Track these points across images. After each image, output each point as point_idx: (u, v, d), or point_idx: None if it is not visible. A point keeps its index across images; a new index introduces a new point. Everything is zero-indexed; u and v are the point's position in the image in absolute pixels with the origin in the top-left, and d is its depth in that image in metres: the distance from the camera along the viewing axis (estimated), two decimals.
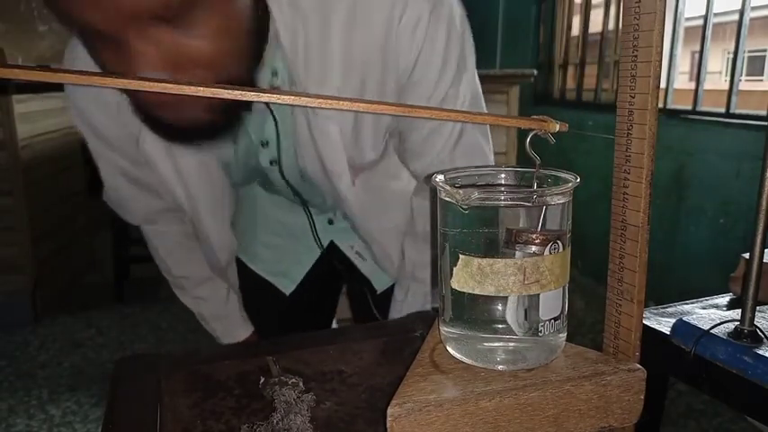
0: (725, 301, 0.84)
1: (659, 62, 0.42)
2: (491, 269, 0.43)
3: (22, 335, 2.64)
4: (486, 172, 0.51)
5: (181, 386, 0.57)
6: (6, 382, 2.26)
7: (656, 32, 0.41)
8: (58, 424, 2.00)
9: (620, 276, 0.46)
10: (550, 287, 0.44)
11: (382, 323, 0.74)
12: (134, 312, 2.91)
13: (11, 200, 2.67)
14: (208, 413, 0.53)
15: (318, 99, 0.41)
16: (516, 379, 0.44)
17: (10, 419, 2.02)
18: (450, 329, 0.48)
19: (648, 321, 0.77)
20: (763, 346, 0.65)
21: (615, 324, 0.47)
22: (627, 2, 0.43)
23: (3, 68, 0.35)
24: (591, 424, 0.45)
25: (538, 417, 0.43)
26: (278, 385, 0.54)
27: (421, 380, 0.44)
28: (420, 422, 0.40)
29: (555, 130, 0.47)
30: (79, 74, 0.40)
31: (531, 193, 0.46)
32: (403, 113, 0.44)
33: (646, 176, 0.43)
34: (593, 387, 0.44)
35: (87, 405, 2.11)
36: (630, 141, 0.44)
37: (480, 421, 0.42)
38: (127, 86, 0.38)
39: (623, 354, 0.47)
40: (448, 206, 0.46)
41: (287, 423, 0.49)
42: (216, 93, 0.40)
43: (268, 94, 0.42)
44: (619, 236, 0.46)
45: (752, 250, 0.66)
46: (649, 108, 0.42)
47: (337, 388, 0.57)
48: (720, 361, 0.67)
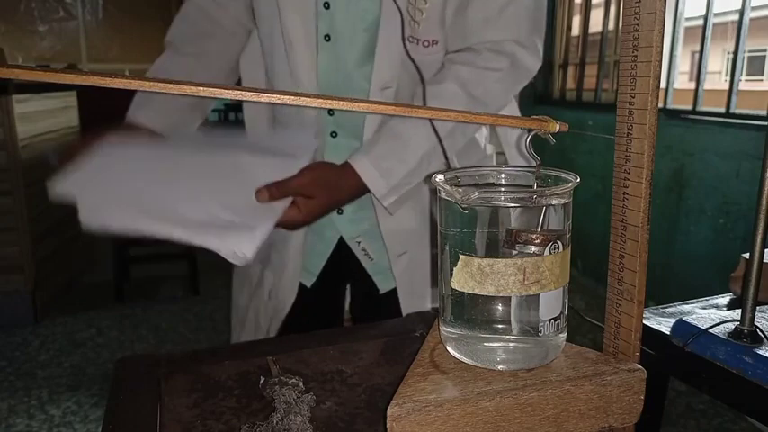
0: (725, 301, 0.85)
1: (659, 62, 0.42)
2: (491, 269, 0.43)
3: (22, 335, 2.64)
4: (486, 172, 0.51)
5: (181, 386, 0.57)
6: (6, 382, 2.26)
7: (656, 32, 0.41)
8: (58, 424, 2.00)
9: (620, 276, 0.46)
10: (550, 287, 0.44)
11: (382, 323, 0.74)
12: (134, 312, 2.91)
13: (11, 200, 2.67)
14: (208, 413, 0.53)
15: (318, 99, 0.41)
16: (516, 379, 0.44)
17: (10, 419, 2.02)
18: (450, 329, 0.48)
19: (648, 321, 0.77)
20: (762, 346, 0.66)
21: (615, 324, 0.48)
22: (627, 2, 0.43)
23: (3, 68, 0.35)
24: (591, 424, 0.45)
25: (538, 417, 0.43)
26: (278, 385, 0.54)
27: (421, 380, 0.44)
28: (420, 422, 0.40)
29: (555, 130, 0.47)
30: (79, 74, 0.40)
31: (531, 193, 0.46)
32: (403, 113, 0.44)
33: (646, 176, 0.43)
34: (593, 387, 0.44)
35: (87, 405, 2.11)
36: (630, 141, 0.44)
37: (480, 421, 0.42)
38: (127, 86, 0.38)
39: (623, 354, 0.47)
40: (448, 206, 0.46)
41: (287, 423, 0.49)
42: (216, 93, 0.40)
43: (268, 94, 0.42)
44: (619, 236, 0.46)
45: (752, 250, 0.66)
46: (649, 108, 0.42)
47: (337, 388, 0.57)
48: (720, 361, 0.67)
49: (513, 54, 0.84)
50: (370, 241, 0.96)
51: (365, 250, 0.97)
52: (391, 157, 0.82)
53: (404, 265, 0.94)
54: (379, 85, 0.85)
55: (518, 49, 0.84)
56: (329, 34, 0.87)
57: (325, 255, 0.99)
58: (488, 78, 0.83)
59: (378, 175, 0.81)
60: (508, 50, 0.84)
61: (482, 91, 0.83)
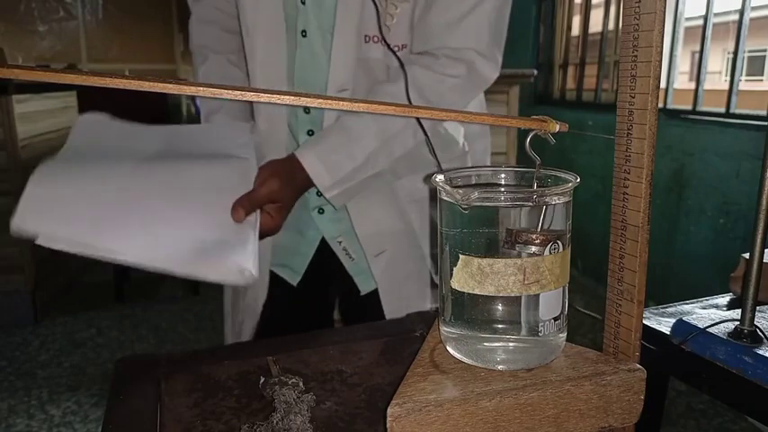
0: (725, 301, 0.85)
1: (659, 62, 0.42)
2: (491, 269, 0.43)
3: (22, 335, 2.64)
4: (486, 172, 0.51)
5: (181, 386, 0.57)
6: (6, 382, 2.26)
7: (656, 32, 0.41)
8: (58, 424, 2.00)
9: (620, 276, 0.46)
10: (550, 287, 0.44)
11: (382, 323, 0.74)
12: (134, 312, 2.91)
13: (11, 200, 2.67)
14: (208, 413, 0.53)
15: (318, 99, 0.41)
16: (516, 379, 0.44)
17: (10, 419, 2.02)
18: (450, 329, 0.48)
19: (648, 321, 0.77)
20: (762, 346, 0.65)
21: (615, 324, 0.48)
22: (627, 2, 0.43)
23: (3, 68, 0.35)
24: (591, 424, 0.45)
25: (538, 417, 0.43)
26: (278, 385, 0.54)
27: (421, 380, 0.44)
28: (420, 422, 0.40)
29: (555, 130, 0.47)
30: (79, 74, 0.40)
31: (531, 193, 0.46)
32: (403, 113, 0.44)
33: (646, 176, 0.43)
34: (593, 387, 0.44)
35: (87, 405, 2.11)
36: (630, 141, 0.44)
37: (480, 421, 0.42)
38: (127, 86, 0.38)
39: (623, 354, 0.47)
40: (448, 206, 0.46)
41: (287, 423, 0.49)
42: (216, 93, 0.40)
43: (267, 94, 0.42)
44: (619, 236, 0.46)
45: (752, 250, 0.66)
46: (649, 108, 0.42)
47: (337, 388, 0.57)
48: (720, 361, 0.67)
49: (472, 62, 0.84)
50: (350, 241, 0.97)
51: (346, 250, 0.97)
52: (339, 151, 0.83)
53: (383, 265, 0.94)
54: (335, 86, 0.86)
55: (477, 57, 0.84)
56: (305, 30, 0.88)
57: (309, 254, 1.00)
58: (444, 84, 0.84)
59: (323, 169, 0.82)
60: (467, 58, 0.84)
61: (436, 96, 0.84)
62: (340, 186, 0.84)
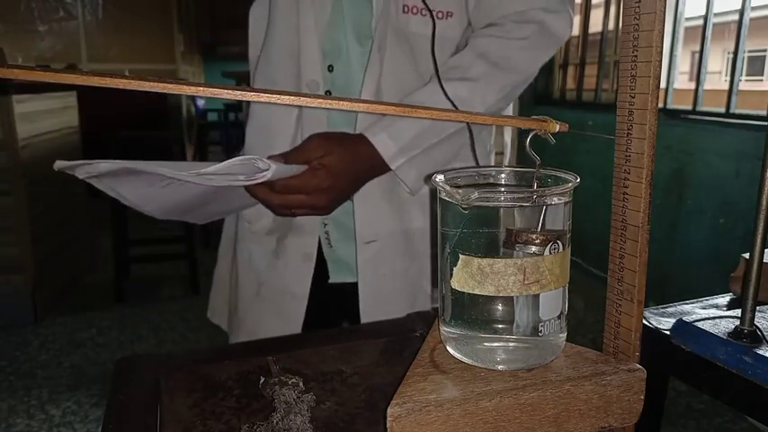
0: (725, 301, 0.84)
1: (659, 62, 0.42)
2: (491, 269, 0.43)
3: (22, 335, 2.64)
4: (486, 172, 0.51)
5: (181, 386, 0.57)
6: (6, 382, 2.26)
7: (656, 32, 0.41)
8: (58, 424, 2.00)
9: (620, 276, 0.46)
10: (550, 287, 0.44)
11: (382, 323, 0.73)
12: (134, 312, 2.91)
13: (11, 200, 2.67)
14: (208, 413, 0.53)
15: (318, 99, 0.41)
16: (516, 379, 0.44)
17: (10, 419, 2.02)
18: (450, 329, 0.48)
19: (648, 321, 0.77)
20: (762, 346, 0.65)
21: (615, 324, 0.48)
22: (627, 2, 0.43)
23: (3, 68, 0.35)
24: (591, 424, 0.45)
25: (538, 417, 0.43)
26: (278, 385, 0.54)
27: (421, 380, 0.44)
28: (420, 422, 0.40)
29: (555, 130, 0.47)
30: (79, 74, 0.40)
31: (531, 193, 0.46)
32: (403, 114, 0.44)
33: (646, 176, 0.43)
34: (593, 387, 0.44)
35: (87, 405, 2.11)
36: (630, 141, 0.44)
37: (480, 421, 0.42)
38: (127, 86, 0.38)
39: (623, 354, 0.47)
40: (448, 206, 0.46)
41: (287, 423, 0.49)
42: (216, 93, 0.40)
43: (267, 94, 0.42)
44: (619, 236, 0.46)
45: (752, 250, 0.66)
46: (649, 108, 0.42)
47: (337, 388, 0.57)
48: (720, 361, 0.67)
49: (542, 21, 0.82)
50: (336, 228, 0.95)
51: (327, 234, 0.95)
52: (398, 121, 0.80)
53: (370, 255, 0.91)
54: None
55: (546, 15, 0.82)
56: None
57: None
58: (510, 46, 0.81)
59: (386, 135, 0.80)
60: (535, 18, 0.82)
61: (502, 58, 0.81)
62: (405, 154, 0.81)
